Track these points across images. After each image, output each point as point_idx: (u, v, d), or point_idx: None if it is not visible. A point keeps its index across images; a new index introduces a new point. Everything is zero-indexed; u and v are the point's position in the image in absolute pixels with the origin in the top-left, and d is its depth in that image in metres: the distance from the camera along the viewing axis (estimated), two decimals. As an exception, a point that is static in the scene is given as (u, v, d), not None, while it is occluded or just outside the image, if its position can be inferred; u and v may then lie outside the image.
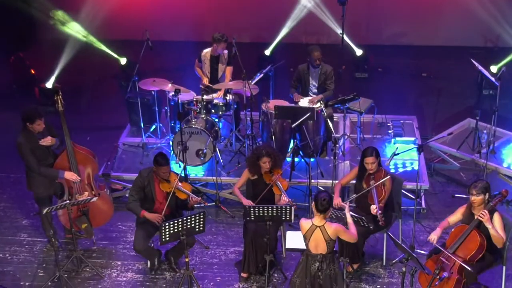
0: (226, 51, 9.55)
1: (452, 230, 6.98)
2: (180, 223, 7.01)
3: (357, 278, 7.63)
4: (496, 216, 6.79)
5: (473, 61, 9.13)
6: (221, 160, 9.16)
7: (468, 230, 6.78)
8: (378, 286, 7.55)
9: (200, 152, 8.96)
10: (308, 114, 8.26)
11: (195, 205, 7.78)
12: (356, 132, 9.52)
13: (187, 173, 8.81)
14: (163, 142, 9.67)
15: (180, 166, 8.78)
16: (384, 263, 7.85)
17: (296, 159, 8.83)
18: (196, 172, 9.19)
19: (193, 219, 7.08)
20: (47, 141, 7.75)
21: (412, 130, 9.78)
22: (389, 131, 9.63)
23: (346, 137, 9.30)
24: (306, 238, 6.52)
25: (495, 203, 6.78)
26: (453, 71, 12.30)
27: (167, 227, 6.97)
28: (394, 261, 7.86)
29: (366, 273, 7.72)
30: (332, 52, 11.27)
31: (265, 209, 7.21)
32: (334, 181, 8.58)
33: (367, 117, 9.84)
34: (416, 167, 9.10)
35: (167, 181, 7.58)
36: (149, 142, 9.72)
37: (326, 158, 9.31)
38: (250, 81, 9.15)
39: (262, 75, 9.45)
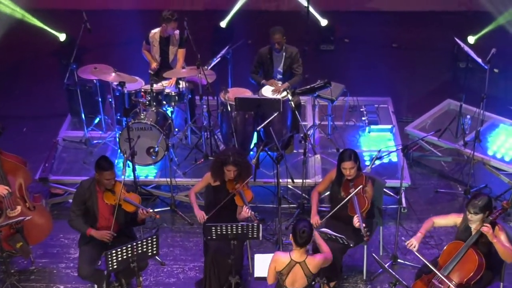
0: (177, 31, 8.37)
1: (445, 247, 6.07)
2: (129, 249, 5.97)
3: (335, 298, 6.73)
4: (498, 230, 5.91)
5: (457, 40, 8.14)
6: (175, 158, 8.08)
7: (465, 248, 5.89)
8: (359, 307, 6.69)
9: (151, 150, 7.86)
10: (273, 116, 7.20)
11: (145, 219, 6.70)
12: (326, 120, 8.49)
13: (136, 175, 7.71)
14: (109, 137, 8.51)
15: (128, 167, 7.67)
16: (364, 277, 6.97)
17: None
18: (148, 172, 8.09)
19: (144, 243, 6.04)
20: None
21: (388, 115, 8.81)
22: (363, 118, 8.64)
23: (315, 127, 8.29)
24: (283, 275, 5.55)
25: (495, 217, 5.88)
26: (425, 40, 11.30)
27: (113, 254, 5.92)
28: (375, 274, 6.98)
29: (345, 291, 6.84)
30: (294, 20, 10.16)
31: (229, 227, 6.21)
32: (304, 180, 7.64)
33: (338, 100, 8.80)
34: (394, 159, 8.18)
35: (112, 192, 6.49)
36: (93, 137, 8.55)
37: (294, 151, 8.30)
38: (205, 67, 8.02)
39: (219, 59, 8.30)
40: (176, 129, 8.40)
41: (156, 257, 7.19)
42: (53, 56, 11.08)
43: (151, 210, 6.52)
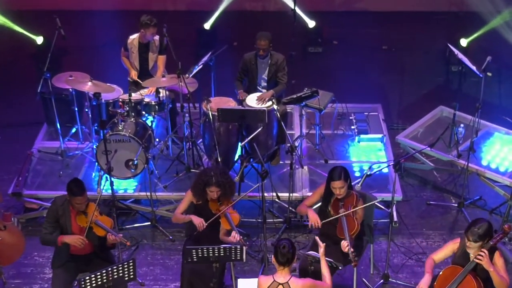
0: (157, 37, 7.98)
1: (441, 272, 5.72)
2: (104, 275, 5.59)
3: (324, 322, 6.36)
4: (497, 256, 5.57)
5: (451, 47, 7.77)
6: (156, 171, 7.70)
7: (463, 274, 5.54)
8: (349, 332, 6.35)
9: (130, 163, 7.47)
10: (258, 130, 6.83)
11: (115, 244, 6.27)
12: (314, 128, 8.11)
13: (115, 189, 7.33)
14: (86, 147, 8.11)
15: (107, 180, 7.27)
16: (354, 298, 6.63)
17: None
18: (127, 185, 7.70)
19: (120, 268, 5.66)
20: None
21: (378, 123, 8.42)
22: (352, 127, 8.27)
23: (303, 137, 7.92)
24: None
25: (495, 242, 5.53)
26: (416, 42, 10.92)
27: (87, 281, 5.54)
28: (366, 295, 6.66)
29: (334, 315, 6.47)
30: (280, 21, 9.79)
31: (210, 250, 5.85)
32: (291, 194, 7.29)
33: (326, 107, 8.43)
34: (385, 170, 7.80)
35: (84, 214, 6.10)
36: (70, 148, 8.14)
37: (281, 162, 7.93)
38: (187, 75, 7.64)
39: (201, 66, 7.89)
40: (157, 139, 8.02)
41: (135, 277, 6.85)
42: (30, 60, 10.63)
43: (121, 235, 6.11)
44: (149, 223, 7.53)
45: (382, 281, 6.75)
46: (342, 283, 6.76)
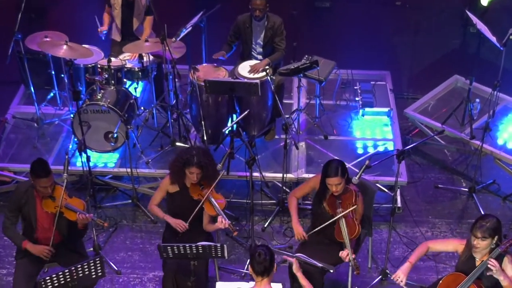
0: (143, -6, 7.19)
1: (443, 279, 5.09)
2: (67, 274, 5.02)
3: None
4: (507, 262, 4.94)
5: (469, 14, 6.89)
6: (138, 145, 7.04)
7: (467, 283, 4.92)
8: (343, 335, 5.77)
9: (110, 135, 6.82)
10: (243, 114, 6.12)
11: (87, 225, 5.65)
12: (313, 99, 7.36)
13: (95, 163, 6.73)
14: (65, 114, 7.44)
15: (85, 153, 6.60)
16: (349, 294, 6.03)
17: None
18: (107, 159, 7.06)
19: (86, 267, 5.09)
20: None
21: (386, 94, 7.63)
22: (357, 98, 7.52)
23: (300, 112, 7.19)
24: None
25: (505, 249, 4.88)
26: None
27: (48, 282, 4.98)
28: (362, 292, 6.07)
29: (327, 316, 5.89)
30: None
31: (187, 247, 5.24)
32: (285, 175, 6.63)
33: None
34: (390, 147, 7.13)
35: (52, 198, 5.47)
36: (46, 114, 7.46)
37: (276, 137, 7.24)
38: (173, 39, 6.87)
39: (190, 28, 7.08)
40: (142, 108, 7.33)
41: (112, 264, 6.31)
42: (11, 10, 9.79)
43: (91, 215, 5.48)
44: (130, 201, 6.92)
45: (380, 277, 6.14)
46: (336, 279, 6.15)
